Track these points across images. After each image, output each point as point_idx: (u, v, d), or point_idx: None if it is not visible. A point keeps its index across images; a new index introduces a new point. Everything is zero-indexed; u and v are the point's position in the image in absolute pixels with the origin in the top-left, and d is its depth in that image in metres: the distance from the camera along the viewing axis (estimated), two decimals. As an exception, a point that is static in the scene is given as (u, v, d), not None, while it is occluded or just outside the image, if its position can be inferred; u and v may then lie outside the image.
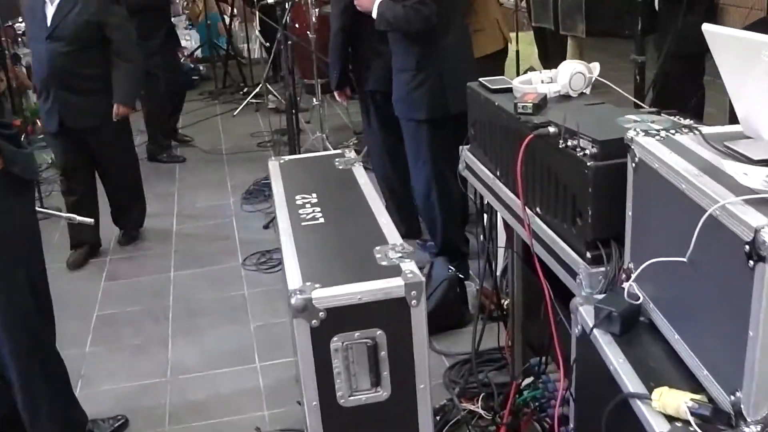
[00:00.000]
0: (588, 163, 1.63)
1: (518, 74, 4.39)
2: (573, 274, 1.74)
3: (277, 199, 2.19)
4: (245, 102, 7.27)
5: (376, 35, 3.64)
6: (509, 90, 2.22)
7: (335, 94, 4.23)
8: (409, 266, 1.71)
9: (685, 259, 1.27)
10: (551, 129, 1.77)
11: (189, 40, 9.29)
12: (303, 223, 2.02)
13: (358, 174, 2.33)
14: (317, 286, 1.66)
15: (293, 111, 4.54)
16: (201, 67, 8.70)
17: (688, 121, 1.64)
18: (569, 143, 1.70)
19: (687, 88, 5.36)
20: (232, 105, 7.47)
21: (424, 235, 4.15)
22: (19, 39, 7.05)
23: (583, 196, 1.67)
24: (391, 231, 1.90)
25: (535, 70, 5.99)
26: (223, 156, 6.14)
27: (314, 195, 2.20)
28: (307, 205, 2.11)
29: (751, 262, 1.08)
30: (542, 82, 2.22)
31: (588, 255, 1.67)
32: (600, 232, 1.66)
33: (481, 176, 2.42)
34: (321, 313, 1.64)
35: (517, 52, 5.35)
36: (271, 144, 6.20)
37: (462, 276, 3.54)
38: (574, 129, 1.70)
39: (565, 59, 6.86)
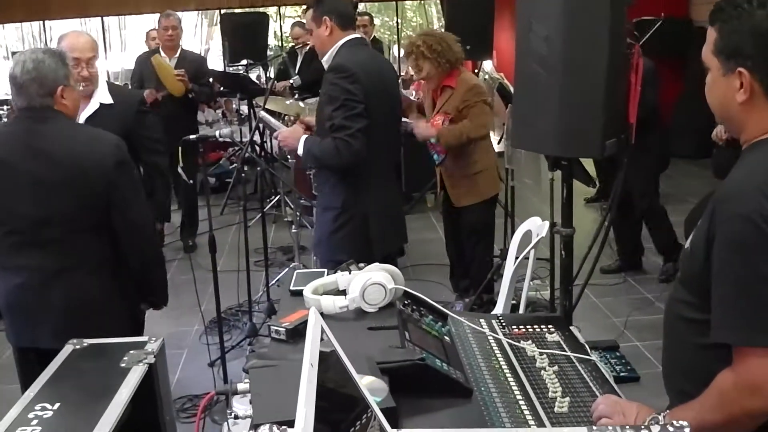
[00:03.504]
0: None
1: (552, 217, 3.38)
2: None
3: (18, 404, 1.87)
4: (260, 213, 7.02)
5: None
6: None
7: None
8: None
9: None
10: (241, 386, 1.37)
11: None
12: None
13: (129, 379, 1.97)
14: None
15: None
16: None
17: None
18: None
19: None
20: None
21: None
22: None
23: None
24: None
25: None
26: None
27: (57, 406, 1.85)
28: (34, 422, 1.77)
29: None
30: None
31: None
32: None
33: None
34: None
35: (513, 187, 4.92)
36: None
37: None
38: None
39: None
